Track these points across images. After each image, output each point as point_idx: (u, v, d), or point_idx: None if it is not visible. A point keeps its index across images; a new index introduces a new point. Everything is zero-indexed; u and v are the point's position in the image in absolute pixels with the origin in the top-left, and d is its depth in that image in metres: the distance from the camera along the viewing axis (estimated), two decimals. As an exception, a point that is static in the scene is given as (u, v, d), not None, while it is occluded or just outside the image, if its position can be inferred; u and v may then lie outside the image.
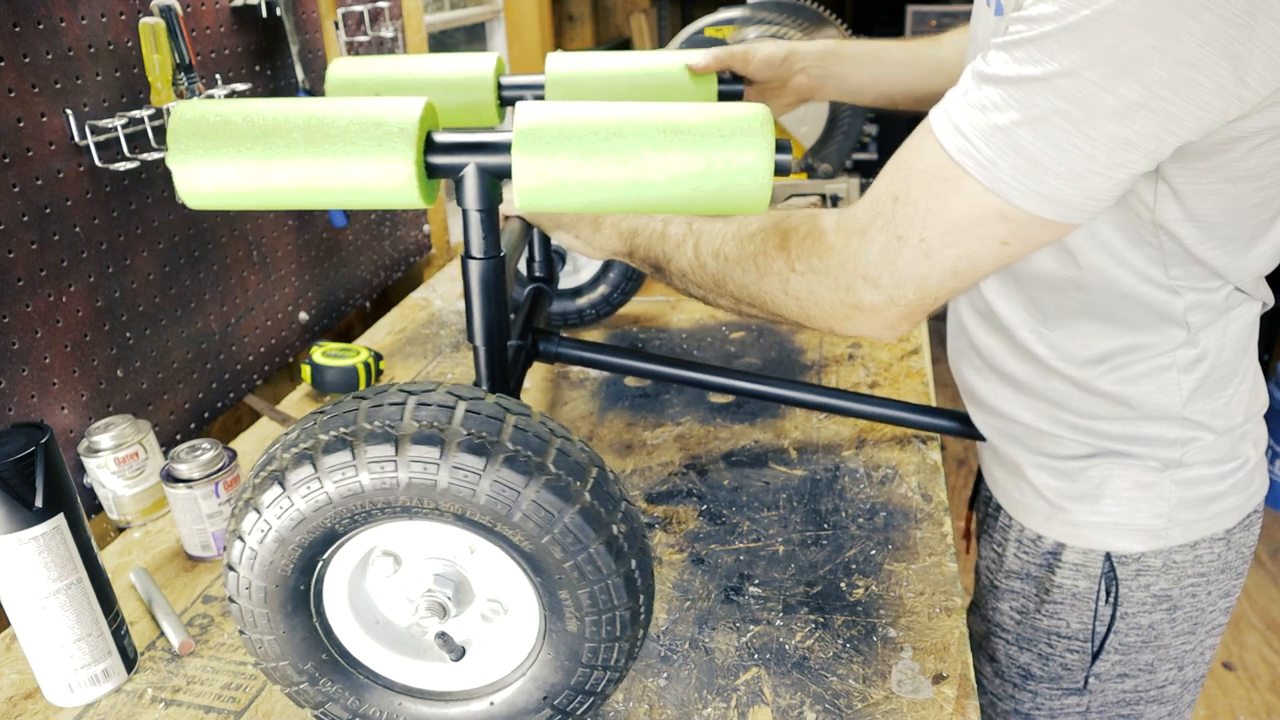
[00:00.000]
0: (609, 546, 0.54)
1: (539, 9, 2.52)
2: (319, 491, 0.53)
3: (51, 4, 0.86)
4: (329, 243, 1.37)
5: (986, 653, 0.90)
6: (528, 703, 0.60)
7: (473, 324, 0.69)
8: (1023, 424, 0.79)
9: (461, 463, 0.51)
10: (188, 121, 0.61)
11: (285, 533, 0.55)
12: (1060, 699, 0.86)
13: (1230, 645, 2.07)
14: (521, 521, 0.53)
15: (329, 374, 1.15)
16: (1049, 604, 0.82)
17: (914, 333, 1.27)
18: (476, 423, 0.53)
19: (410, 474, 0.52)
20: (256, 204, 0.63)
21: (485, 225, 0.65)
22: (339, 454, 0.52)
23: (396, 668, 0.64)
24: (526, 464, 0.52)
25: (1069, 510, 0.78)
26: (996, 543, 0.87)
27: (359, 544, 0.59)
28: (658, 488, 0.95)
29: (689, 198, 0.60)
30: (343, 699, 0.62)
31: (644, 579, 0.57)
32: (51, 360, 0.89)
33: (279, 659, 0.60)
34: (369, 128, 0.60)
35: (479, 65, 0.97)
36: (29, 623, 0.68)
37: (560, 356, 0.95)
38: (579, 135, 0.59)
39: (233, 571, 0.57)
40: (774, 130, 0.60)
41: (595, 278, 1.28)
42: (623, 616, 0.56)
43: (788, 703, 0.68)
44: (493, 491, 0.52)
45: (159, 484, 0.93)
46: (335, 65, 0.97)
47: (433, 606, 0.59)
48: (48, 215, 0.87)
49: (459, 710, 0.62)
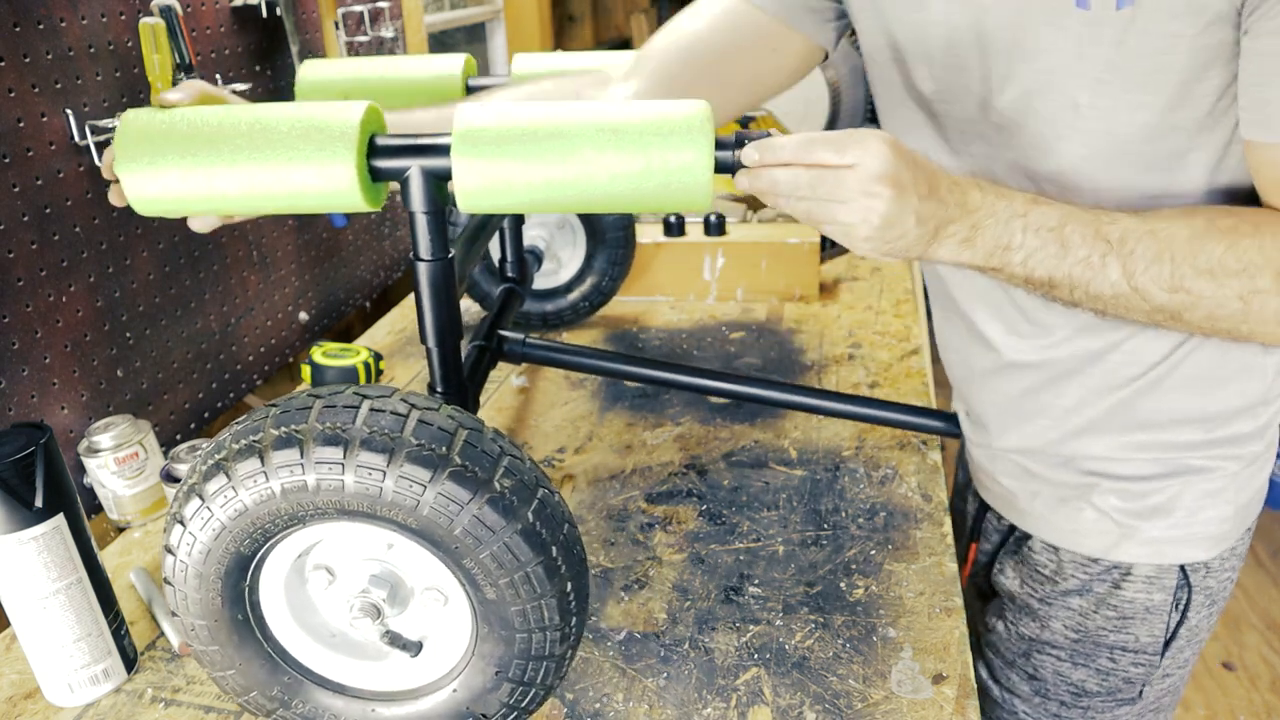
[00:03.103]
0: (494, 505, 0.53)
1: (539, 9, 2.52)
2: (211, 520, 0.55)
3: (51, 4, 0.86)
4: (329, 243, 1.37)
5: (1024, 671, 0.87)
6: (485, 681, 0.60)
7: (424, 325, 0.70)
8: (1091, 455, 0.77)
9: (322, 457, 0.53)
10: (134, 129, 0.62)
11: (200, 566, 0.56)
12: (1112, 710, 0.84)
13: (1230, 645, 2.07)
14: (395, 499, 0.53)
15: (329, 374, 1.15)
16: (1117, 619, 0.80)
17: (914, 332, 1.27)
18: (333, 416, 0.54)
19: (280, 481, 0.53)
20: (204, 210, 0.64)
21: (432, 227, 0.65)
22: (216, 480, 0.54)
23: (362, 675, 0.64)
24: (383, 443, 0.53)
25: (1140, 529, 0.77)
26: (1039, 564, 0.84)
27: (277, 562, 0.60)
28: (658, 488, 0.95)
29: (630, 197, 0.60)
30: (318, 716, 0.63)
31: (551, 530, 0.56)
32: (51, 360, 0.89)
33: (247, 690, 0.62)
34: (310, 132, 0.60)
35: (447, 67, 0.98)
36: (29, 623, 0.68)
37: (526, 356, 0.96)
38: (518, 137, 0.59)
39: (176, 617, 0.59)
40: (713, 128, 0.59)
41: (581, 270, 1.29)
42: (535, 573, 0.55)
43: (788, 703, 0.68)
44: (357, 479, 0.53)
45: (159, 484, 0.93)
46: (305, 68, 0.98)
47: (365, 608, 0.60)
48: (48, 215, 0.87)
49: (429, 703, 0.62)
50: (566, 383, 1.19)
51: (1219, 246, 0.57)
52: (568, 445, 1.04)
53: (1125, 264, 0.59)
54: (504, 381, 1.20)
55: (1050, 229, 0.59)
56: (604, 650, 0.74)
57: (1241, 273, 0.57)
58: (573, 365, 0.98)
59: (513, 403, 1.15)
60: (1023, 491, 0.84)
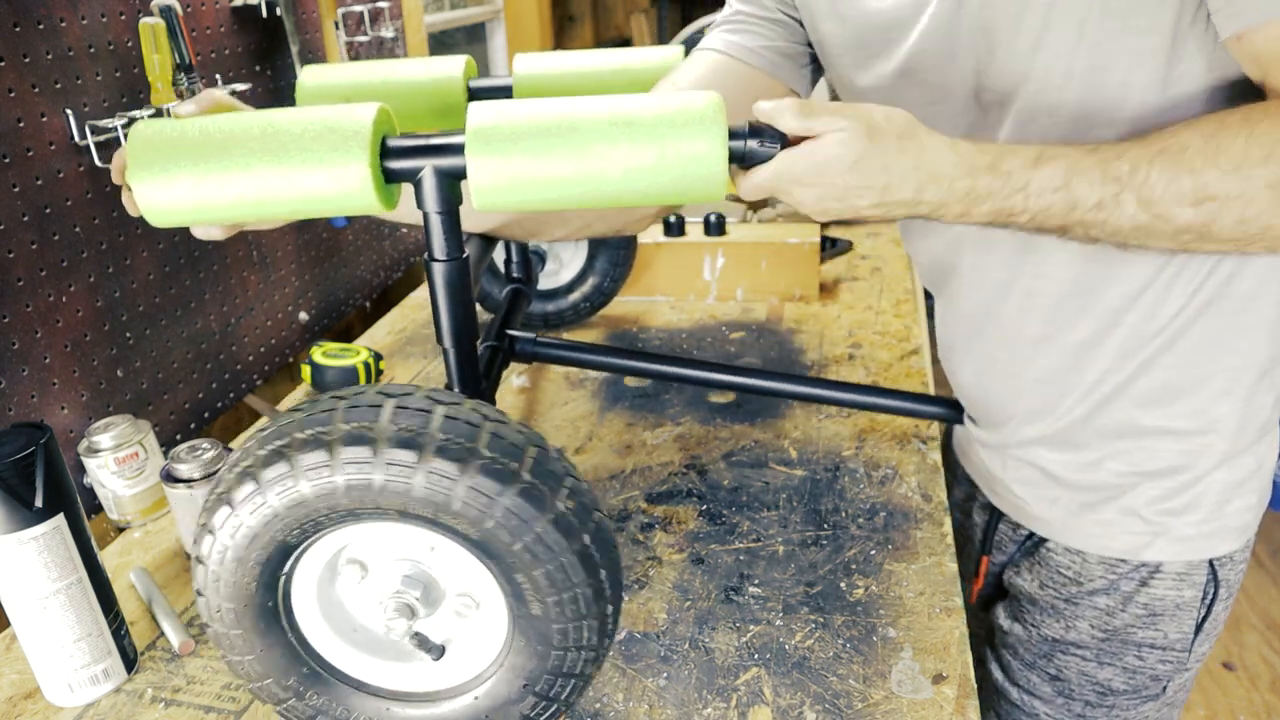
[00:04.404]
0: (556, 524, 0.53)
1: (539, 9, 2.52)
2: (264, 506, 0.54)
3: (51, 4, 0.86)
4: (329, 243, 1.37)
5: (1046, 673, 0.87)
6: (510, 692, 0.60)
7: (440, 326, 0.69)
8: (1116, 432, 0.76)
9: (394, 458, 0.52)
10: (145, 140, 0.62)
11: (241, 551, 0.56)
12: (1137, 707, 0.84)
13: (1230, 645, 2.07)
14: (463, 510, 0.53)
15: (329, 374, 1.15)
16: (1146, 616, 0.80)
17: (914, 332, 1.27)
18: (407, 418, 0.53)
19: (346, 477, 0.53)
20: (218, 218, 0.63)
21: (446, 227, 0.65)
22: (277, 466, 0.53)
23: (380, 673, 0.64)
24: (459, 451, 0.52)
25: (1171, 526, 0.77)
26: (1060, 566, 0.84)
27: (317, 555, 0.60)
28: (658, 488, 0.95)
29: (645, 189, 0.60)
30: (331, 710, 0.63)
31: (603, 553, 0.56)
32: (51, 360, 0.89)
33: (262, 678, 0.61)
34: (323, 134, 0.60)
35: (448, 68, 0.97)
36: (29, 623, 0.68)
37: (537, 356, 0.96)
38: (531, 132, 0.59)
39: (202, 597, 0.58)
40: (726, 117, 0.59)
41: (582, 270, 1.29)
42: (584, 594, 0.55)
43: (788, 703, 0.68)
44: (428, 484, 0.52)
45: (159, 484, 0.93)
46: (305, 74, 0.98)
47: (400, 608, 0.60)
48: (48, 215, 0.87)
49: (447, 708, 0.62)
50: (567, 382, 1.19)
51: (1238, 140, 0.55)
52: (568, 445, 1.04)
53: (1140, 194, 0.57)
54: (505, 381, 1.20)
55: (1055, 189, 0.58)
56: (604, 650, 0.74)
57: (1268, 159, 0.54)
58: (583, 363, 0.97)
59: (514, 402, 1.15)
60: (1040, 499, 0.83)
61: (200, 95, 0.67)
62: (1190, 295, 0.69)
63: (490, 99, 1.00)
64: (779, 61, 0.85)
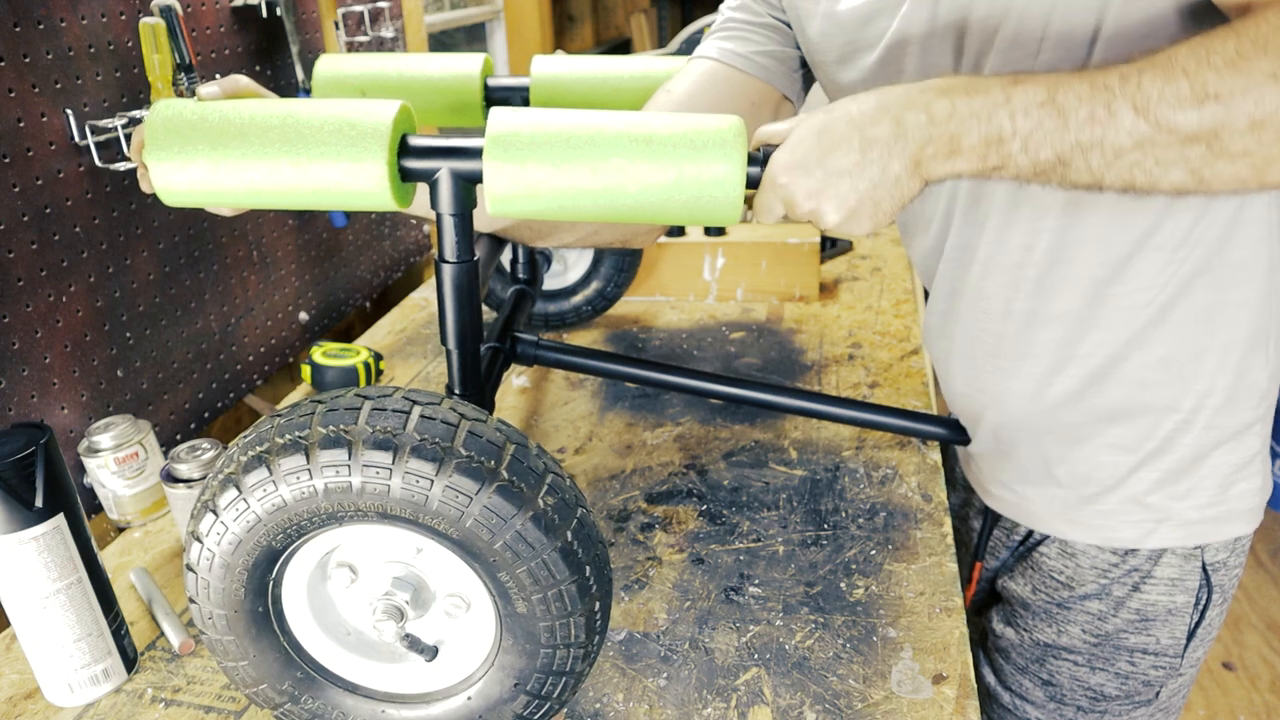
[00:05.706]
0: (536, 521, 0.53)
1: (539, 9, 2.52)
2: (246, 511, 0.54)
3: (51, 4, 0.86)
4: (329, 243, 1.37)
5: (1038, 678, 0.87)
6: (502, 692, 0.60)
7: (445, 327, 0.69)
8: (1115, 407, 0.76)
9: (371, 460, 0.52)
10: (165, 119, 0.61)
11: (228, 557, 0.56)
12: (1129, 713, 0.84)
13: (1230, 645, 2.07)
14: (441, 509, 0.53)
15: (329, 374, 1.15)
16: (1138, 621, 0.80)
17: (914, 332, 1.27)
18: (383, 419, 0.54)
19: (324, 480, 0.53)
20: (231, 203, 0.64)
21: (459, 230, 0.65)
22: (257, 472, 0.54)
23: (374, 675, 0.64)
24: (435, 451, 0.52)
25: (1174, 511, 0.76)
26: (1053, 570, 0.84)
27: (305, 559, 0.60)
28: (658, 488, 0.95)
29: (660, 207, 0.60)
30: (326, 713, 0.63)
31: (587, 549, 0.56)
32: (51, 360, 0.89)
33: (257, 683, 0.61)
34: (343, 129, 0.60)
35: (466, 66, 0.97)
36: (29, 623, 0.68)
37: (539, 359, 0.96)
38: (550, 143, 0.59)
39: (194, 604, 0.58)
40: (746, 142, 0.59)
41: (587, 274, 1.29)
42: (569, 591, 0.55)
43: (788, 703, 0.68)
44: (405, 484, 0.52)
45: (159, 484, 0.93)
46: (323, 61, 0.97)
47: (389, 610, 0.60)
48: (48, 215, 0.87)
49: (440, 709, 0.62)
50: (567, 383, 1.19)
51: (1227, 43, 0.51)
52: (568, 445, 1.04)
53: (1135, 100, 0.51)
54: (506, 381, 1.20)
55: (1040, 104, 0.53)
56: (604, 650, 0.74)
57: (1264, 50, 0.49)
58: (585, 368, 0.97)
59: (514, 402, 1.15)
60: (1040, 495, 0.83)
61: (224, 79, 0.67)
62: (1177, 265, 0.69)
63: (508, 98, 1.00)
64: (772, 66, 0.85)
